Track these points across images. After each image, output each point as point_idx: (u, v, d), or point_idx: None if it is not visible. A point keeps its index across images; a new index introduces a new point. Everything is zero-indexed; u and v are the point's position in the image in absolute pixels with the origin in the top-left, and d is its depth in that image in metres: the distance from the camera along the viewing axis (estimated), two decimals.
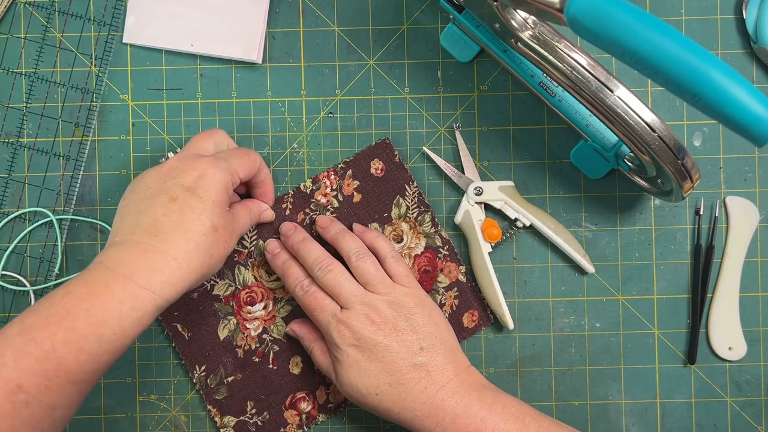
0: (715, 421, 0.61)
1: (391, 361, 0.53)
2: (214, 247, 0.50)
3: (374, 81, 0.61)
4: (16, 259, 0.61)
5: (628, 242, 0.61)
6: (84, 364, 0.45)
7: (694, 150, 0.60)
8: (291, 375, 0.60)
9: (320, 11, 0.61)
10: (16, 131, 0.61)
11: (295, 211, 0.60)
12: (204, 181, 0.51)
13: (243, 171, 0.54)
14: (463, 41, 0.59)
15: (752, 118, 0.39)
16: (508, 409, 0.52)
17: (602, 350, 0.61)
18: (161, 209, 0.49)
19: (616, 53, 0.41)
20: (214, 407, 0.60)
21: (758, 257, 0.61)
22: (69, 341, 0.45)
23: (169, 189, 0.50)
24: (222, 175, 0.52)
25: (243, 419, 0.60)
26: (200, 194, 0.50)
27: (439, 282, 0.60)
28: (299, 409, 0.60)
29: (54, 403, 0.45)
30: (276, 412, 0.60)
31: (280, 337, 0.60)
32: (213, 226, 0.50)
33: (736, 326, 0.60)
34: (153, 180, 0.51)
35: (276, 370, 0.60)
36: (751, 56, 0.60)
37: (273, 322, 0.60)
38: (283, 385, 0.60)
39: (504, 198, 0.60)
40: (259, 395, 0.60)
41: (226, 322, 0.60)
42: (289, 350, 0.60)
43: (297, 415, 0.60)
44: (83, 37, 0.61)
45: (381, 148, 0.60)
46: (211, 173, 0.51)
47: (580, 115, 0.56)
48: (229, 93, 0.61)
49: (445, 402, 0.52)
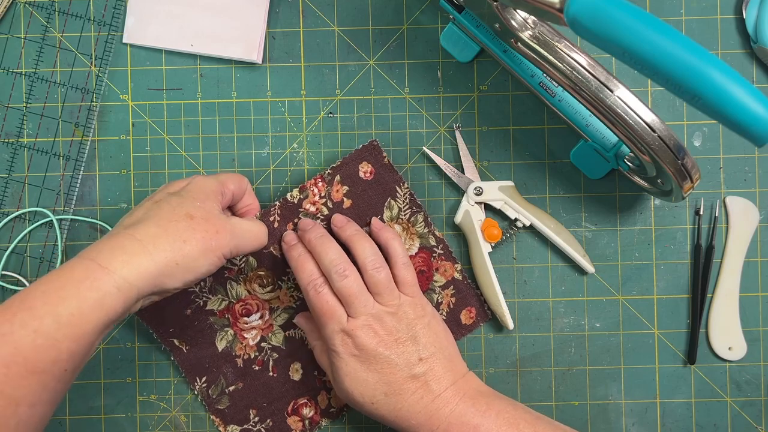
0: (715, 421, 0.61)
1: (389, 372, 0.53)
2: (187, 233, 0.48)
3: (374, 81, 0.61)
4: (16, 259, 0.61)
5: (628, 242, 0.61)
6: (41, 350, 0.43)
7: (694, 150, 0.60)
8: (292, 381, 0.60)
9: (320, 11, 0.61)
10: (16, 131, 0.61)
11: (283, 222, 0.59)
12: (190, 186, 0.53)
13: (233, 183, 0.55)
14: (463, 41, 0.59)
15: (752, 118, 0.39)
16: (502, 415, 0.52)
17: (602, 350, 0.61)
18: (142, 210, 0.51)
19: (616, 53, 0.41)
20: (218, 417, 0.60)
21: (758, 257, 0.61)
22: (25, 322, 0.43)
23: (155, 196, 0.53)
24: (210, 181, 0.53)
25: (247, 427, 0.60)
26: (182, 194, 0.52)
27: (435, 281, 0.60)
28: (302, 414, 0.60)
29: (17, 397, 0.43)
30: (279, 419, 0.60)
31: (279, 344, 0.60)
32: (187, 214, 0.50)
33: (736, 326, 0.60)
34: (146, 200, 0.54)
35: (276, 377, 0.60)
36: (751, 56, 0.60)
37: (271, 330, 0.60)
38: (284, 392, 0.60)
39: (504, 198, 0.60)
40: (261, 403, 0.60)
41: (224, 334, 0.60)
42: (288, 357, 0.60)
43: (300, 421, 0.60)
44: (83, 37, 0.61)
45: (368, 150, 0.59)
46: (198, 180, 0.53)
47: (580, 115, 0.56)
48: (229, 93, 0.61)
49: (440, 411, 0.52)
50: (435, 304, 0.59)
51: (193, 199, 0.51)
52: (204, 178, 0.54)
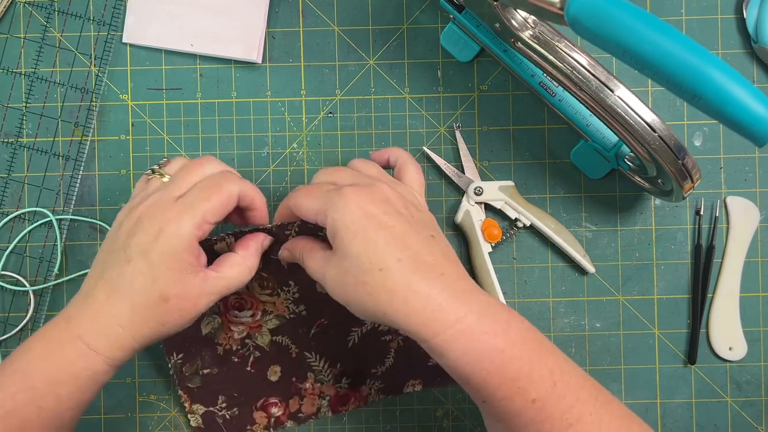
0: (715, 421, 0.61)
1: (403, 232, 0.46)
2: (165, 317, 0.47)
3: (374, 81, 0.61)
4: (15, 259, 0.61)
5: (628, 242, 0.61)
6: (47, 421, 0.46)
7: (695, 150, 0.60)
8: (267, 381, 0.60)
9: (320, 11, 0.61)
10: (15, 131, 0.60)
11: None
12: (161, 241, 0.47)
13: (214, 215, 0.48)
14: (463, 41, 0.59)
15: (752, 118, 0.39)
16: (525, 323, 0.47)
17: (602, 350, 0.61)
18: (118, 269, 0.48)
19: (616, 53, 0.41)
20: (186, 393, 0.59)
21: (758, 257, 0.60)
22: (29, 401, 0.46)
23: (129, 246, 0.48)
24: (185, 230, 0.47)
25: (212, 410, 0.60)
26: (154, 260, 0.47)
27: None
28: (269, 412, 0.60)
29: None
30: (246, 411, 0.60)
31: (264, 346, 0.59)
32: (162, 296, 0.47)
33: (737, 326, 0.60)
34: (122, 228, 0.49)
35: (254, 373, 0.60)
36: (752, 56, 0.60)
37: (259, 331, 0.59)
38: (258, 388, 0.60)
39: (504, 198, 0.59)
40: (232, 392, 0.60)
41: (211, 320, 0.59)
42: (270, 359, 0.60)
43: (266, 418, 0.60)
44: (83, 36, 0.61)
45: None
46: (171, 230, 0.47)
47: (580, 114, 0.56)
48: (228, 93, 0.61)
49: (465, 295, 0.44)
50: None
51: (167, 270, 0.47)
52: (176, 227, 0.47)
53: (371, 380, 0.60)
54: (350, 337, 0.59)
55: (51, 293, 0.61)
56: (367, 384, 0.60)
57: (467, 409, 0.61)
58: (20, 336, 0.60)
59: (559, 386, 0.44)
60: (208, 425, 0.60)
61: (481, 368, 0.43)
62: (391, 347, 0.60)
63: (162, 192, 0.49)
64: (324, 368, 0.60)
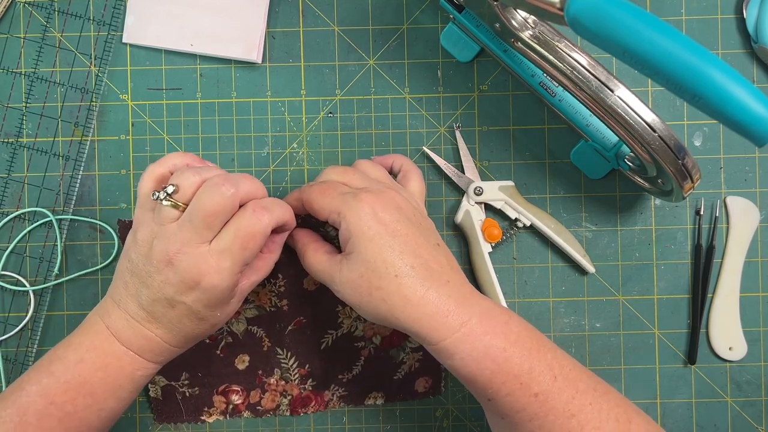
0: (715, 421, 0.61)
1: (414, 240, 0.48)
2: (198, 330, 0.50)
3: (374, 81, 0.61)
4: (15, 259, 0.61)
5: (628, 242, 0.61)
6: (106, 420, 0.49)
7: (695, 150, 0.60)
8: (234, 368, 0.60)
9: (320, 11, 0.61)
10: (15, 131, 0.60)
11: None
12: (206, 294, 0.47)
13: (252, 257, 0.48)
14: (463, 41, 0.59)
15: (752, 118, 0.39)
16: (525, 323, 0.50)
17: (602, 350, 0.61)
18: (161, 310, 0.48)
19: (616, 53, 0.41)
20: None
21: (758, 257, 0.60)
22: (89, 405, 0.48)
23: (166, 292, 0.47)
24: (226, 283, 0.47)
25: (173, 384, 0.60)
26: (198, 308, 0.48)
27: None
28: (229, 399, 0.60)
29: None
30: (206, 392, 0.60)
31: (238, 333, 0.60)
32: (199, 319, 0.49)
33: (737, 326, 0.60)
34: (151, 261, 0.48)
35: (222, 358, 0.60)
36: (752, 56, 0.60)
37: (236, 318, 0.60)
38: (223, 373, 0.60)
39: (504, 198, 0.59)
40: (197, 372, 0.60)
41: None
42: (241, 347, 0.60)
43: (225, 403, 0.60)
44: (83, 36, 0.60)
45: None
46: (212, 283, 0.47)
47: (580, 114, 0.56)
48: (228, 93, 0.61)
49: (468, 299, 0.47)
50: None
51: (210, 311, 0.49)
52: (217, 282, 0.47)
53: (335, 386, 0.60)
54: (324, 339, 0.60)
55: (51, 293, 0.61)
56: (330, 389, 0.60)
57: (467, 409, 0.61)
58: (20, 336, 0.60)
59: (559, 380, 0.47)
60: (166, 398, 0.60)
61: (485, 367, 0.46)
62: (362, 354, 0.60)
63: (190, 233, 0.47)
64: (292, 367, 0.60)
